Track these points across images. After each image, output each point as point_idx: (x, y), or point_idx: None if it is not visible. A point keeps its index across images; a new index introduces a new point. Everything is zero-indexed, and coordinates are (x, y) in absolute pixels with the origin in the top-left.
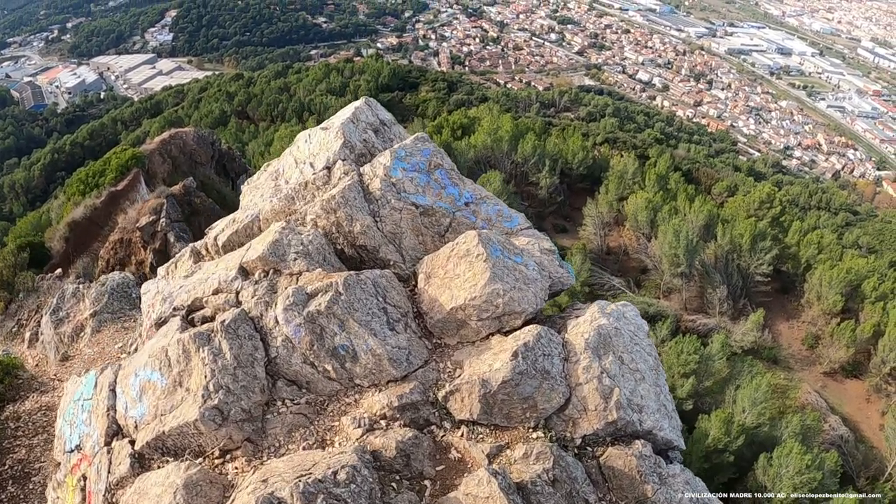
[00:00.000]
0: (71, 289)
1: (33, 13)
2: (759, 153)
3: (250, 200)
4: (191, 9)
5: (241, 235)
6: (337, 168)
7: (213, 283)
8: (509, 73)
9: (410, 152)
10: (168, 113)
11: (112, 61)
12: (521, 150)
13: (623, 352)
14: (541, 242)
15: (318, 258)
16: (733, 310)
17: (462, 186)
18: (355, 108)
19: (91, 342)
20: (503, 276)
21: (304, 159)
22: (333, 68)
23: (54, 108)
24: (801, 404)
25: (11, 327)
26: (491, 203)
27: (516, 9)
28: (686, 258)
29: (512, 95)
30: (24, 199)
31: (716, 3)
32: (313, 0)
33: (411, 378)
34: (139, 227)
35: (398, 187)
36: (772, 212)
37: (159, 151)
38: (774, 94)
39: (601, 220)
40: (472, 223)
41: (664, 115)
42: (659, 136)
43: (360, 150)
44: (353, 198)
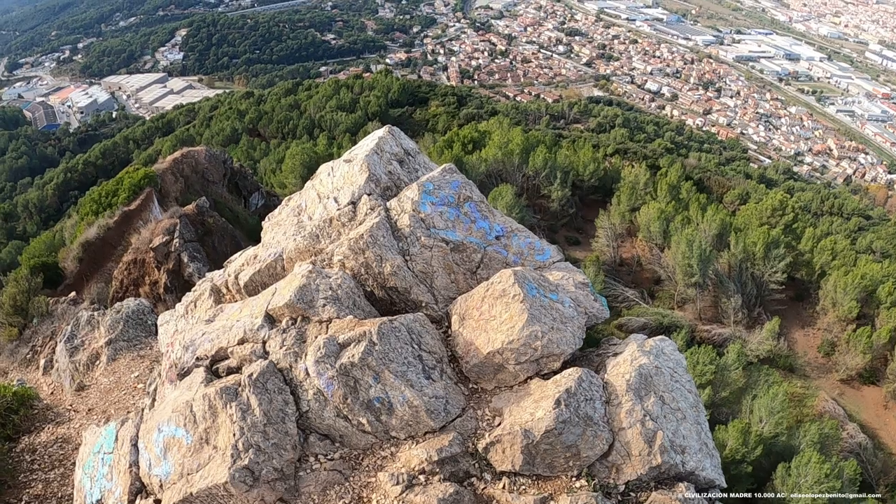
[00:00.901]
0: (86, 316)
1: (45, 34)
2: (770, 160)
3: (272, 237)
4: (201, 28)
5: (263, 275)
6: (363, 203)
7: (238, 332)
8: (518, 85)
9: (439, 185)
10: (180, 131)
11: (123, 81)
12: (532, 163)
13: (664, 391)
14: (574, 276)
15: (347, 303)
16: (748, 319)
17: (492, 219)
18: (378, 138)
19: (107, 371)
20: (540, 317)
21: (328, 194)
22: (343, 85)
23: (67, 128)
24: (818, 412)
25: (26, 353)
26: (522, 236)
27: (524, 22)
28: (700, 268)
29: (521, 108)
30: (37, 219)
31: (723, 11)
32: (322, 17)
33: (449, 428)
34: (153, 248)
35: (427, 223)
36: (784, 219)
37: (172, 170)
38: (783, 101)
39: (614, 232)
40: (504, 258)
41: (674, 124)
42: (669, 145)
43: (386, 182)
44: (382, 236)
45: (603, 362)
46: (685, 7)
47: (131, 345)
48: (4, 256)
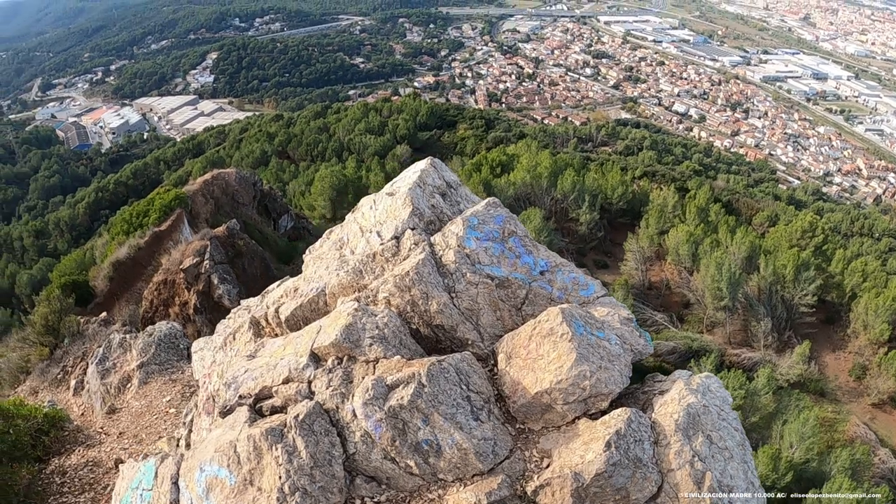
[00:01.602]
0: (117, 338)
1: (78, 56)
2: (799, 181)
3: (314, 271)
4: (231, 51)
5: (305, 310)
6: (406, 238)
7: (282, 371)
8: (546, 108)
9: (483, 220)
10: (210, 153)
11: (155, 102)
12: (560, 186)
13: (711, 430)
14: (619, 311)
15: (394, 342)
16: (778, 342)
17: (536, 254)
18: (421, 170)
19: (138, 394)
20: (589, 356)
21: (370, 227)
22: (372, 108)
23: (98, 148)
24: (849, 437)
25: (56, 374)
26: (566, 270)
27: (551, 45)
28: (729, 291)
29: (549, 131)
30: (68, 236)
31: (749, 31)
32: (351, 41)
33: (497, 471)
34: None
35: (472, 259)
36: (814, 241)
37: (202, 192)
38: (812, 121)
39: (642, 255)
40: (549, 293)
41: (702, 146)
42: (697, 167)
43: (429, 216)
44: (428, 273)
45: (649, 400)
46: (711, 28)
47: (163, 368)
48: (35, 273)
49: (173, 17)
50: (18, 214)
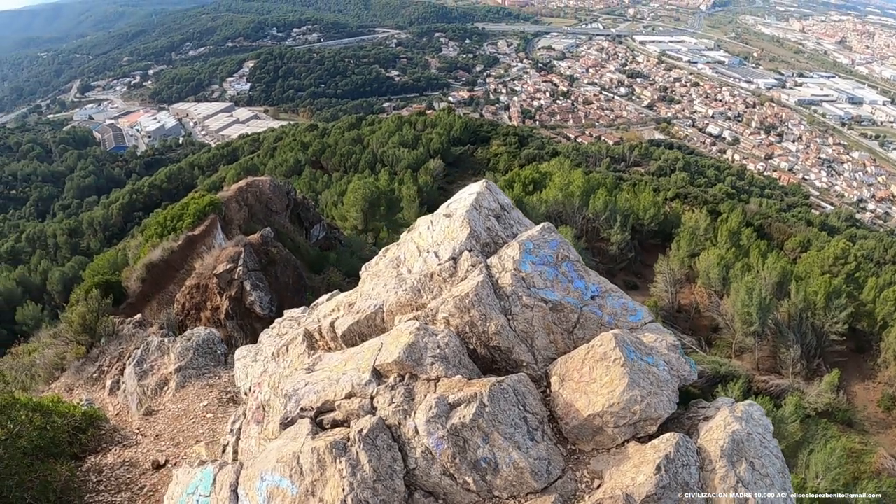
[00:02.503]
0: (156, 341)
1: (117, 59)
2: (832, 206)
3: (371, 288)
4: (268, 60)
5: (362, 326)
6: (464, 259)
7: (345, 386)
8: (579, 127)
9: (538, 244)
10: (244, 160)
11: (191, 108)
12: (592, 205)
13: (754, 457)
14: (666, 338)
15: (454, 361)
16: (807, 370)
17: (588, 279)
18: (477, 193)
19: (175, 398)
20: (640, 381)
21: (428, 248)
22: (406, 121)
23: (134, 151)
24: (876, 469)
25: (92, 373)
26: (616, 296)
27: (586, 63)
28: (759, 317)
29: (582, 150)
30: (101, 236)
31: (784, 54)
32: (387, 54)
33: (550, 490)
34: (216, 274)
35: (528, 282)
36: (846, 268)
37: (236, 198)
38: (846, 145)
39: (672, 277)
40: (599, 318)
41: (735, 168)
42: (730, 190)
43: (485, 239)
44: (486, 295)
45: (694, 426)
46: (747, 50)
47: (200, 373)
48: (67, 271)
49: (212, 25)
50: (53, 212)
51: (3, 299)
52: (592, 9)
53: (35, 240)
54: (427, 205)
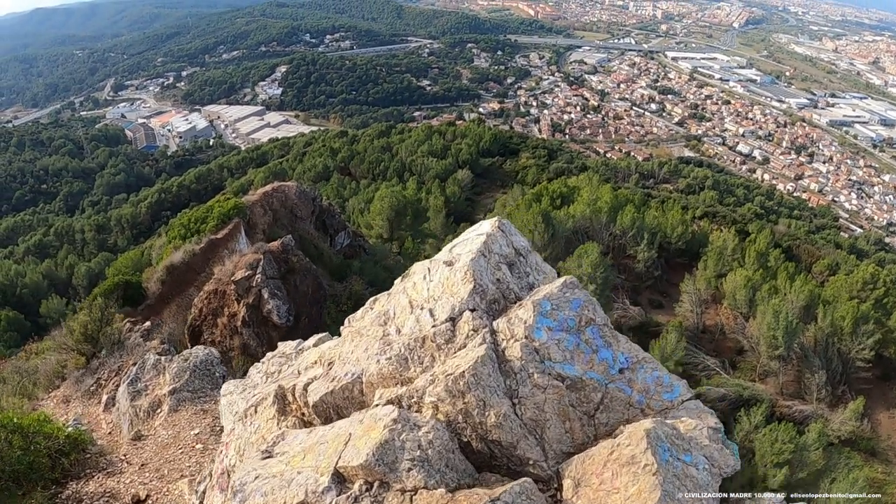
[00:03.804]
0: (152, 359)
1: (151, 60)
2: (862, 229)
3: (351, 350)
4: (300, 66)
5: (337, 398)
6: (464, 321)
7: (296, 492)
8: (609, 142)
9: (557, 305)
10: (273, 164)
11: (222, 110)
12: (619, 221)
13: None
14: (706, 421)
15: (438, 465)
16: (832, 396)
17: (616, 346)
18: (486, 235)
19: (167, 422)
20: (674, 493)
21: (422, 303)
22: (435, 131)
23: (165, 151)
24: None
25: (90, 385)
26: (648, 367)
27: (617, 78)
28: (785, 340)
29: (611, 165)
30: (128, 234)
31: (817, 73)
32: (418, 63)
33: None
34: (234, 281)
35: (542, 354)
36: (875, 293)
37: (261, 203)
38: (877, 168)
39: (698, 297)
40: (627, 397)
41: (764, 188)
42: (759, 210)
43: (493, 294)
44: (487, 375)
45: None
46: (779, 69)
47: (195, 396)
48: (93, 266)
49: (245, 29)
50: (82, 208)
51: (30, 292)
52: (625, 24)
53: (63, 234)
54: (454, 216)
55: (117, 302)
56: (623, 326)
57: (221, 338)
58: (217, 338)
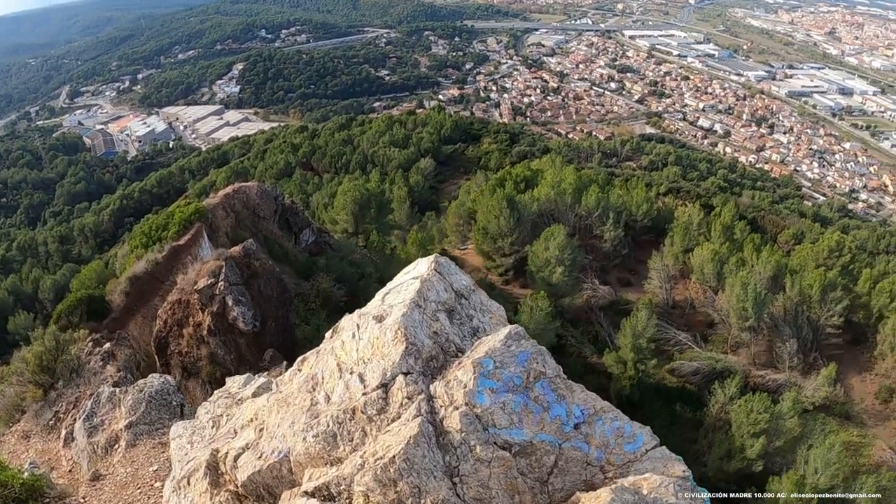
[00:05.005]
0: (106, 392)
1: (106, 64)
2: (825, 197)
3: (277, 423)
4: (257, 62)
5: (266, 477)
6: (397, 388)
7: None
8: (570, 122)
9: (501, 361)
10: (234, 163)
11: (181, 111)
12: (584, 202)
13: None
14: (673, 470)
15: None
16: (803, 364)
17: (570, 399)
18: (421, 281)
19: (125, 459)
20: None
21: (351, 365)
22: (396, 121)
23: (124, 156)
24: (875, 462)
25: (49, 419)
26: (607, 418)
27: (576, 59)
28: (754, 311)
29: (574, 146)
30: (92, 243)
31: (774, 46)
32: (376, 53)
33: None
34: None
35: (485, 421)
36: (841, 260)
37: (223, 206)
38: (837, 136)
39: (667, 273)
40: (585, 455)
41: (726, 161)
42: (722, 183)
43: (430, 351)
44: (422, 456)
45: None
46: (737, 42)
47: (153, 429)
48: (59, 278)
49: (200, 28)
50: (44, 220)
51: None
52: (581, 4)
53: (26, 248)
54: (418, 205)
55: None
56: (594, 306)
57: (188, 348)
58: (184, 348)
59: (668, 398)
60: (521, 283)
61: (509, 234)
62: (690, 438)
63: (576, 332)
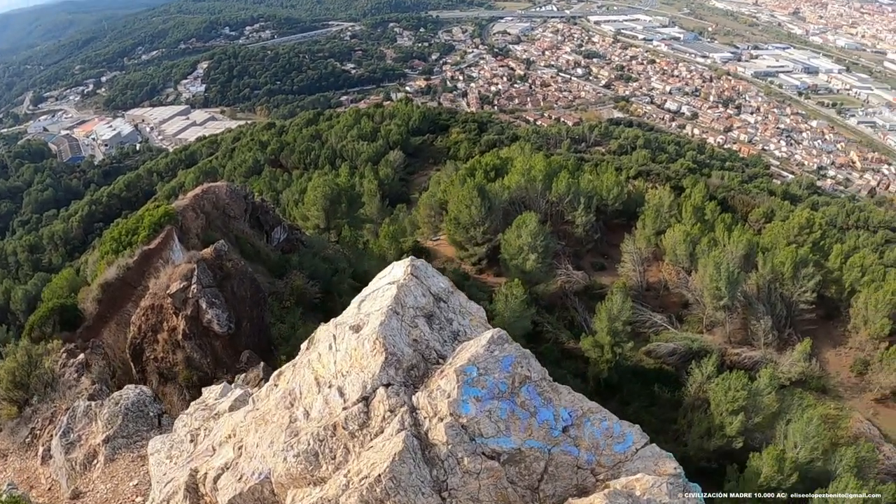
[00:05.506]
0: (82, 407)
1: (69, 68)
2: (793, 175)
3: (255, 442)
4: (222, 60)
5: (247, 500)
6: (378, 401)
7: None
8: (538, 109)
9: (485, 368)
10: (203, 163)
11: (146, 113)
12: (555, 188)
13: None
14: (664, 468)
15: None
16: (779, 340)
17: (557, 402)
18: (398, 287)
19: (104, 475)
20: None
21: (329, 379)
22: (364, 114)
23: (91, 161)
24: (853, 434)
25: (25, 436)
26: (596, 419)
27: (542, 46)
28: (728, 290)
29: (542, 132)
30: (62, 251)
31: (739, 27)
32: (341, 47)
33: None
34: (170, 294)
35: (471, 431)
36: (812, 236)
37: (192, 207)
38: (804, 115)
39: (639, 256)
40: (575, 459)
41: (695, 143)
42: (692, 165)
43: (410, 359)
44: (408, 473)
45: None
46: (701, 25)
47: (131, 441)
48: (30, 289)
49: (163, 28)
50: (12, 229)
51: None
52: None
53: None
54: (389, 198)
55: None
56: (568, 292)
57: (164, 353)
58: (159, 354)
59: (647, 380)
60: (494, 272)
61: (481, 224)
62: (670, 418)
63: (551, 319)
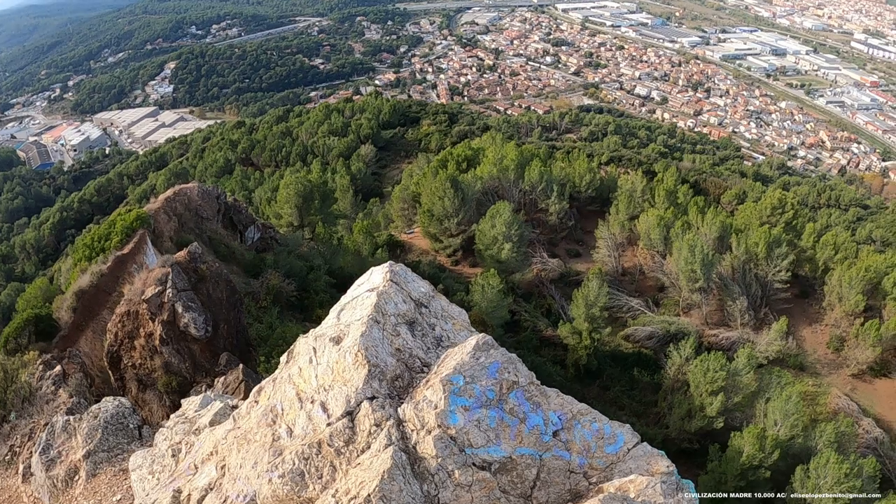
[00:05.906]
0: (60, 422)
1: (34, 73)
2: (764, 156)
3: (238, 463)
4: (189, 60)
5: None
6: (363, 415)
7: None
8: (508, 99)
9: (471, 376)
10: (173, 165)
11: (115, 116)
12: (527, 177)
13: None
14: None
15: None
16: (755, 320)
17: (546, 406)
18: (378, 294)
19: (87, 490)
20: None
21: (312, 394)
22: (334, 109)
23: (61, 167)
24: (832, 410)
25: (5, 454)
26: (586, 421)
27: (510, 35)
28: (703, 272)
29: (513, 122)
30: (35, 259)
31: (706, 11)
32: (309, 42)
33: None
34: (146, 299)
35: (461, 442)
36: (785, 217)
37: (164, 210)
38: (773, 96)
39: (614, 242)
40: (567, 462)
41: (665, 127)
42: (663, 149)
43: (394, 369)
44: (399, 490)
45: None
46: (669, 10)
47: (112, 455)
48: (4, 299)
49: (129, 29)
50: None
51: None
52: None
53: None
54: (362, 192)
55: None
56: (544, 280)
57: (142, 360)
58: (137, 360)
59: (626, 364)
60: (470, 263)
61: (455, 215)
62: (651, 401)
63: (529, 307)
